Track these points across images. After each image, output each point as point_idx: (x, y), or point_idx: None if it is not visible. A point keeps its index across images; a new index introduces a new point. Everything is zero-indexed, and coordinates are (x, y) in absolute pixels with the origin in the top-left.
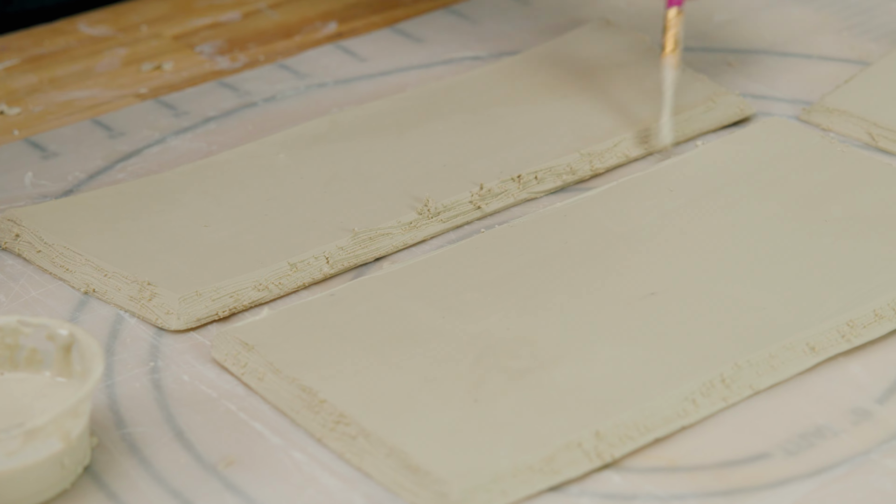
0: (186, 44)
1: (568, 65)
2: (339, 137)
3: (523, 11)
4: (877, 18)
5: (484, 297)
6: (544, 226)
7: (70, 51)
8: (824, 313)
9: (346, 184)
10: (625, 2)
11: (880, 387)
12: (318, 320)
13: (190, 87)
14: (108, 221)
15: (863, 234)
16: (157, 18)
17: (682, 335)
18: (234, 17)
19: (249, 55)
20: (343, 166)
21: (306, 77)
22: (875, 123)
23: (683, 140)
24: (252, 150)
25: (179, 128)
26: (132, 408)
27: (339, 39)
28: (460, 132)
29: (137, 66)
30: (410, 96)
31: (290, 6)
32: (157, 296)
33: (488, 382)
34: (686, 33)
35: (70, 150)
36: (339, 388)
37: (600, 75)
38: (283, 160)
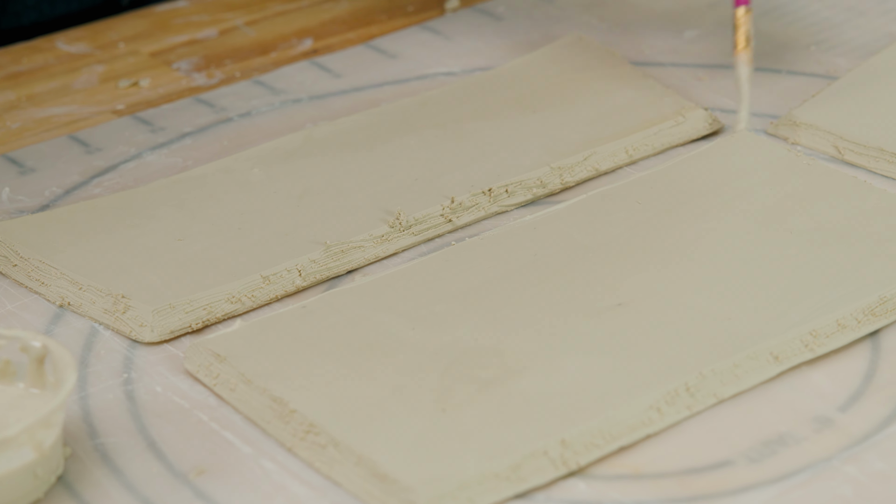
0: (163, 60)
1: (540, 80)
2: (312, 152)
3: (496, 28)
4: (845, 34)
5: (453, 309)
6: (514, 239)
7: (48, 68)
8: (788, 323)
9: (318, 197)
10: (597, 18)
11: (842, 395)
12: (289, 332)
13: (166, 103)
14: (84, 235)
15: (827, 245)
16: (134, 36)
17: (648, 345)
18: (210, 35)
19: (226, 71)
20: (316, 180)
21: (281, 93)
22: (841, 137)
23: (652, 154)
24: (226, 164)
25: (155, 143)
26: (105, 418)
27: (314, 56)
28: (433, 146)
29: (115, 82)
30: (384, 111)
31: (266, 23)
32: (131, 308)
33: (456, 392)
34: (657, 48)
35: (47, 166)
36: (310, 398)
37: (571, 90)
38: (258, 175)
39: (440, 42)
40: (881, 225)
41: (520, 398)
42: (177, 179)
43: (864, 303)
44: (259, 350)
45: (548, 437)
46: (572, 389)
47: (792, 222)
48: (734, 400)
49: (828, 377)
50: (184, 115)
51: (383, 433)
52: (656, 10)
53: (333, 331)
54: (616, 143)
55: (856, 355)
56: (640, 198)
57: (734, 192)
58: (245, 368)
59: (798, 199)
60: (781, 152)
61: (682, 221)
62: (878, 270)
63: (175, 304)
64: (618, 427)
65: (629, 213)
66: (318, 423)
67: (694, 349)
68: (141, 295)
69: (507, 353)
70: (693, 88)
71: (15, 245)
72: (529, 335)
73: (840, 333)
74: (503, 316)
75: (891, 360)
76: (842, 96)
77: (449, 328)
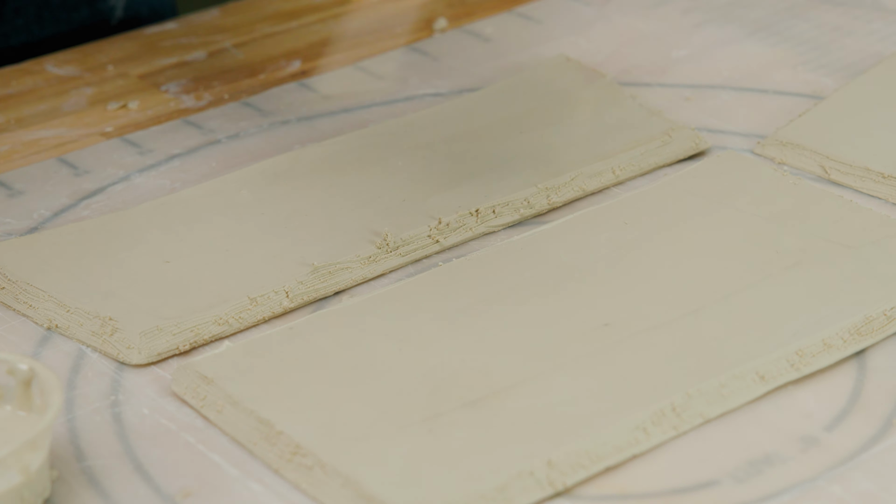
0: (152, 83)
1: (527, 101)
2: (300, 174)
3: (484, 49)
4: (831, 54)
5: (440, 330)
6: (501, 259)
7: (37, 90)
8: (774, 343)
9: (306, 219)
10: (584, 39)
11: (828, 415)
12: (276, 353)
13: (155, 125)
14: (71, 258)
15: (813, 265)
16: (123, 58)
17: (634, 365)
18: (199, 57)
19: (214, 93)
20: (304, 202)
21: (270, 115)
22: (827, 156)
23: (639, 174)
24: (214, 186)
25: (144, 165)
26: (92, 441)
27: (302, 77)
28: (420, 167)
29: (104, 105)
30: (371, 132)
31: (254, 45)
32: (119, 331)
33: (443, 413)
34: (644, 69)
35: (35, 189)
36: (296, 420)
37: (558, 111)
38: (245, 196)
39: (427, 63)
40: (867, 245)
41: (506, 419)
42: (165, 201)
43: (849, 322)
44: (246, 372)
45: (534, 458)
46: (559, 410)
47: (778, 242)
48: (720, 420)
49: (814, 396)
50: (172, 137)
51: (370, 455)
52: (643, 31)
53: (320, 352)
54: (602, 164)
55: (842, 375)
56: (627, 218)
57: (720, 212)
58: (232, 390)
59: (784, 219)
60: (768, 172)
61: (668, 241)
62: (863, 290)
63: (162, 326)
64: (604, 447)
65: (616, 234)
66: (305, 444)
67: (680, 369)
68: (128, 317)
69: (493, 373)
70: (680, 109)
71: (2, 267)
72: (516, 356)
73: (826, 353)
74: (490, 336)
75: (876, 379)
76: (828, 116)
77: (436, 349)
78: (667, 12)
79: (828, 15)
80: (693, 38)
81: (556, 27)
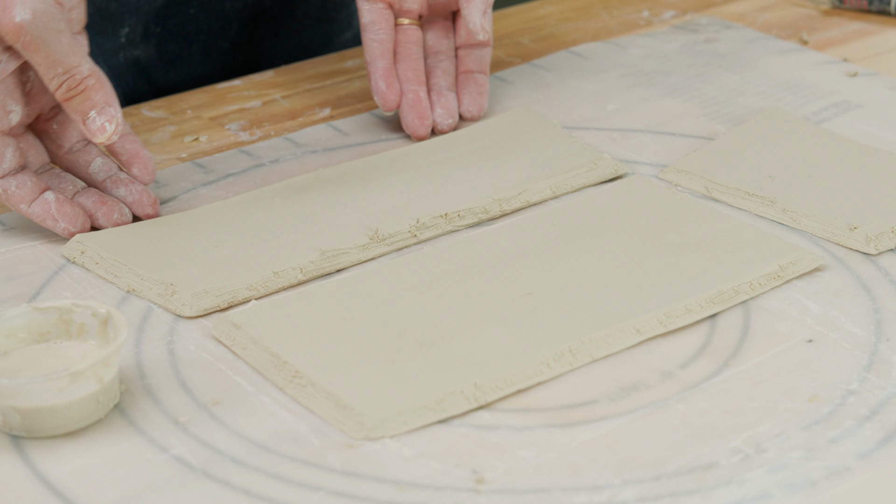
0: (219, 123)
1: (490, 138)
2: (319, 187)
3: None
4: (726, 108)
5: (408, 295)
6: (458, 248)
7: (134, 128)
8: (649, 307)
9: (320, 218)
10: (542, 95)
11: (683, 358)
12: (288, 310)
13: (217, 153)
14: (148, 241)
15: (686, 255)
16: (199, 105)
17: (545, 320)
18: (255, 105)
19: (264, 131)
20: (319, 206)
21: (303, 146)
22: (710, 180)
23: (571, 191)
24: (255, 195)
25: (206, 181)
26: (152, 367)
27: (330, 120)
28: (407, 182)
29: (181, 138)
30: (373, 159)
31: (297, 97)
32: (177, 293)
33: (403, 351)
34: (585, 117)
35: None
36: (297, 354)
37: (514, 145)
38: (277, 202)
39: None
40: (727, 240)
41: (448, 356)
42: (217, 205)
43: (706, 294)
44: (265, 322)
45: (465, 381)
46: (486, 350)
47: (663, 238)
48: (604, 360)
49: (675, 345)
50: (229, 161)
51: (347, 378)
52: (588, 90)
53: (320, 309)
54: (543, 182)
55: (697, 331)
56: (554, 221)
57: (624, 217)
58: (254, 334)
59: (670, 223)
60: (663, 190)
61: (582, 237)
62: (719, 271)
63: (208, 290)
64: (517, 375)
65: (545, 231)
66: (302, 370)
67: (578, 323)
68: (185, 284)
69: (443, 325)
70: (608, 146)
71: (98, 249)
72: (461, 314)
73: (686, 315)
74: (443, 300)
75: (722, 335)
76: (713, 152)
77: (403, 308)
78: (607, 77)
79: (727, 80)
80: (624, 95)
81: (522, 87)
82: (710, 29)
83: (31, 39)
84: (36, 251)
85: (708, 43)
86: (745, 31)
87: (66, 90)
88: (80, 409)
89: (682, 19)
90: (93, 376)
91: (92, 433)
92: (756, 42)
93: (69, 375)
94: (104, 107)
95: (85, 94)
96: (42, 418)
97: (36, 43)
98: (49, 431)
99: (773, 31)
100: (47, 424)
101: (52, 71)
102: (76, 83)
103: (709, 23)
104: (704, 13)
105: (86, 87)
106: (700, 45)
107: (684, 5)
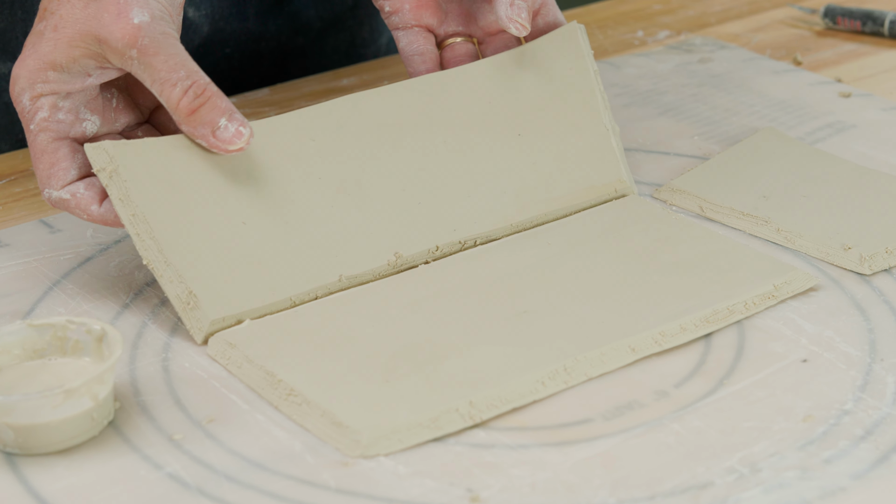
0: None
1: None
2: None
3: None
4: (720, 128)
5: (403, 313)
6: (455, 266)
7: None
8: (644, 325)
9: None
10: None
11: (678, 377)
12: (283, 328)
13: None
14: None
15: (680, 274)
16: None
17: (540, 338)
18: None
19: None
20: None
21: None
22: (704, 199)
23: (573, 212)
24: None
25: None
26: (146, 383)
27: None
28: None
29: None
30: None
31: None
32: (197, 309)
33: (398, 369)
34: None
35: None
36: (292, 373)
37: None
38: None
39: None
40: (721, 261)
41: (443, 374)
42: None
43: (701, 313)
44: (260, 340)
45: (460, 399)
46: (481, 368)
47: (658, 257)
48: (599, 378)
49: (669, 364)
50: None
51: (342, 396)
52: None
53: (315, 327)
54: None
55: (692, 350)
56: (550, 240)
57: (619, 236)
58: (249, 352)
59: (665, 242)
60: (658, 210)
61: (577, 256)
62: (713, 291)
63: (225, 317)
64: (512, 394)
65: (541, 250)
66: (297, 388)
67: (573, 341)
68: (207, 302)
69: (438, 343)
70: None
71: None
72: (456, 331)
73: (681, 334)
74: (439, 318)
75: (717, 354)
76: (707, 172)
77: (398, 326)
78: None
79: (721, 100)
80: (618, 114)
81: None
82: (705, 49)
83: (149, 42)
84: (30, 267)
85: (702, 63)
86: (739, 51)
87: (192, 97)
88: (75, 426)
89: (677, 39)
90: (87, 393)
91: (86, 450)
92: (750, 62)
93: (64, 392)
94: (231, 112)
95: (212, 100)
96: (36, 435)
97: (154, 46)
98: (43, 448)
99: (768, 52)
100: (41, 441)
101: (174, 75)
102: (202, 88)
103: (703, 43)
104: (699, 33)
105: (212, 94)
106: (694, 65)
107: (679, 25)
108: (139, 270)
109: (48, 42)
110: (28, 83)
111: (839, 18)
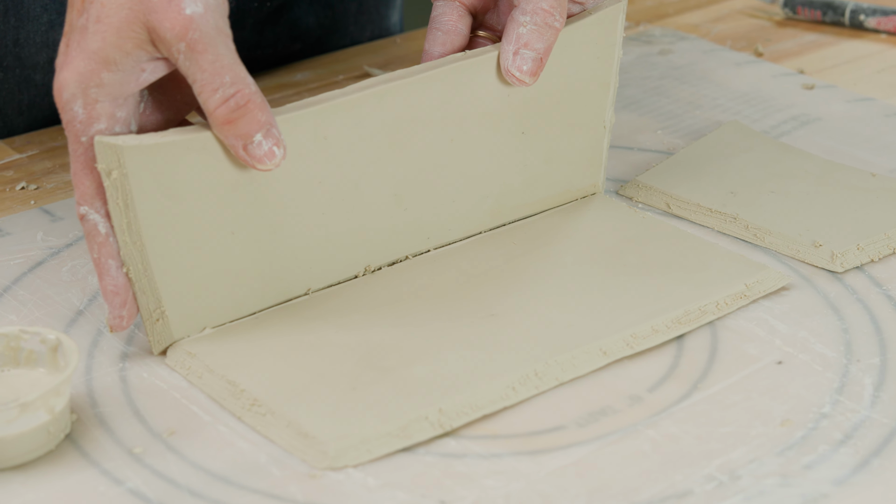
0: None
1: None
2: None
3: None
4: (683, 122)
5: (368, 317)
6: (419, 267)
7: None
8: (615, 328)
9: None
10: None
11: (651, 381)
12: (245, 337)
13: None
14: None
15: (649, 274)
16: None
17: (509, 342)
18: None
19: None
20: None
21: None
22: (671, 196)
23: (540, 212)
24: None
25: None
26: (104, 394)
27: None
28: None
29: None
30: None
31: None
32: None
33: (365, 376)
34: None
35: (72, 216)
36: (255, 382)
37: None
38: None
39: None
40: (692, 260)
41: (411, 380)
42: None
43: (672, 315)
44: (221, 349)
45: (429, 407)
46: (450, 373)
47: (625, 257)
48: (571, 383)
49: (641, 368)
50: None
51: (307, 405)
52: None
53: (278, 334)
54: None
55: (664, 353)
56: (516, 239)
57: (586, 235)
58: (209, 362)
59: (632, 241)
60: (624, 208)
61: (545, 256)
62: (684, 292)
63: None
64: (482, 400)
65: (506, 250)
66: (260, 398)
67: (543, 345)
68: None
69: (405, 348)
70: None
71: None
72: (422, 336)
73: (653, 336)
74: (405, 322)
75: (689, 356)
76: (673, 167)
77: (364, 331)
78: None
79: (683, 93)
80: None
81: None
82: (665, 40)
83: (199, 37)
84: None
85: (663, 55)
86: (699, 42)
87: (233, 108)
88: (31, 441)
89: (636, 31)
90: (43, 406)
91: (43, 465)
92: (711, 54)
93: (19, 406)
94: (269, 128)
95: (252, 113)
96: None
97: (204, 42)
98: None
99: (728, 43)
100: None
101: (218, 80)
102: (245, 99)
103: (663, 34)
104: (657, 24)
105: (254, 106)
106: (655, 56)
107: (637, 16)
108: (92, 275)
109: (94, 36)
110: (80, 88)
111: (799, 8)
